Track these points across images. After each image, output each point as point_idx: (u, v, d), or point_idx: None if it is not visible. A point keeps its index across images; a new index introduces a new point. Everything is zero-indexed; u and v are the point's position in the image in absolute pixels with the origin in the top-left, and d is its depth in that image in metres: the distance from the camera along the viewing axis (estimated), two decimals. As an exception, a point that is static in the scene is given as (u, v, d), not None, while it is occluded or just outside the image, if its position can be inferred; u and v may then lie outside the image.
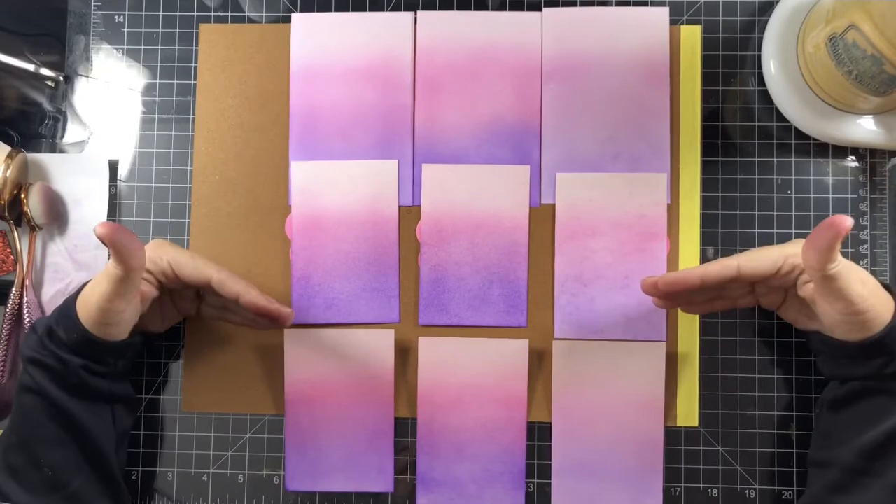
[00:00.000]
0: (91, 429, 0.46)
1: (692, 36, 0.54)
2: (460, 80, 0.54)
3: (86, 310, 0.44)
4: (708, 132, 0.54)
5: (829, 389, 0.47)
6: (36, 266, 0.54)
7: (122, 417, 0.50)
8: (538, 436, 0.53)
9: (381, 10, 0.55)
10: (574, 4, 0.55)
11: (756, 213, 0.53)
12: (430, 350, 0.53)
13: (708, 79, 0.54)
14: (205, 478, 0.54)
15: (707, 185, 0.54)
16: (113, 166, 0.55)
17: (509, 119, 0.54)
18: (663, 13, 0.54)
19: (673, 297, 0.48)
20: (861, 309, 0.41)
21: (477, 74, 0.54)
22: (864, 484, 0.43)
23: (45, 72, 0.56)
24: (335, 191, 0.54)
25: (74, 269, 0.55)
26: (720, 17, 0.54)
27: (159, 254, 0.46)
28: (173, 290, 0.49)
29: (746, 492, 0.52)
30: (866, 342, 0.42)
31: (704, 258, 0.53)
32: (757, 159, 0.54)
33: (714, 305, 0.49)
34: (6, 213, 0.53)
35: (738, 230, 0.53)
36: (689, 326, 0.53)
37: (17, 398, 0.46)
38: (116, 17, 0.56)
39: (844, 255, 0.52)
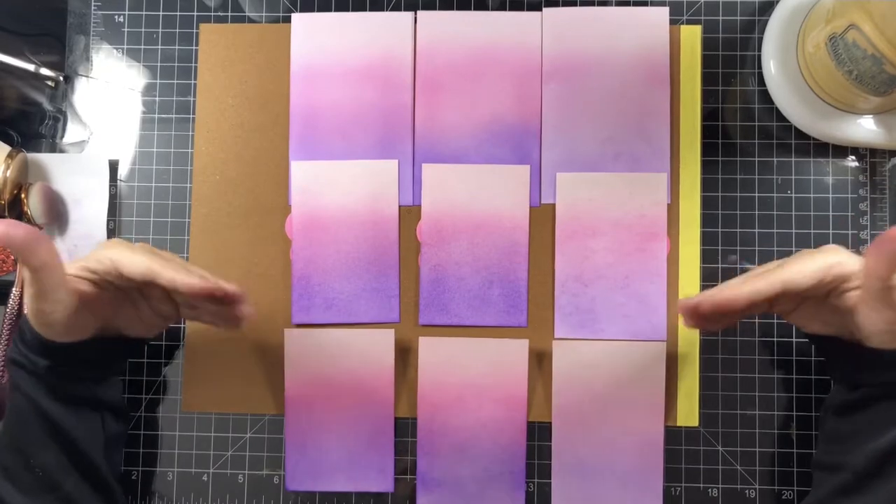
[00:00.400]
0: (74, 432, 0.45)
1: (692, 36, 0.54)
2: (460, 80, 0.54)
3: (27, 310, 0.43)
4: (708, 132, 0.54)
5: (835, 393, 0.46)
6: (36, 266, 0.54)
7: (112, 423, 0.48)
8: (538, 436, 0.53)
9: (381, 10, 0.55)
10: (574, 4, 0.55)
11: (756, 212, 0.53)
12: (430, 350, 0.53)
13: (708, 79, 0.54)
14: (205, 478, 0.54)
15: (707, 185, 0.54)
16: (113, 166, 0.55)
17: (509, 119, 0.54)
18: (663, 13, 0.54)
19: (713, 320, 0.44)
20: None
21: (477, 74, 0.54)
22: (874, 488, 0.42)
23: (45, 72, 0.56)
24: (335, 191, 0.54)
25: (74, 269, 0.55)
26: (720, 17, 0.54)
27: (104, 252, 0.44)
28: (144, 291, 0.46)
29: (746, 492, 0.52)
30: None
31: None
32: (757, 159, 0.54)
33: (733, 319, 0.47)
34: (6, 213, 0.53)
35: (738, 230, 0.53)
36: (689, 326, 0.53)
37: (9, 398, 0.46)
38: (116, 16, 0.56)
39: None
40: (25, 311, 0.44)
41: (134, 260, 0.43)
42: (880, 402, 0.43)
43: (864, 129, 0.52)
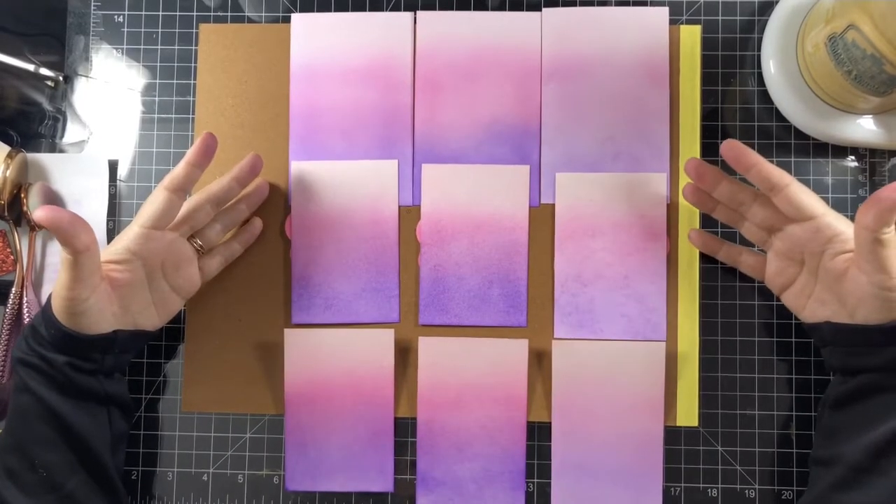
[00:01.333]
0: (84, 430, 0.45)
1: (692, 36, 0.54)
2: (460, 80, 0.54)
3: (55, 302, 0.44)
4: (708, 132, 0.54)
5: (832, 386, 0.47)
6: (36, 266, 0.55)
7: (118, 420, 0.49)
8: (538, 436, 0.53)
9: (381, 10, 0.55)
10: (574, 4, 0.55)
11: (756, 212, 0.53)
12: (430, 350, 0.53)
13: (707, 78, 0.54)
14: (205, 478, 0.54)
15: (707, 185, 0.54)
16: (113, 166, 0.55)
17: (509, 119, 0.54)
18: (663, 13, 0.54)
19: (713, 180, 0.48)
20: None
21: (477, 74, 0.54)
22: (869, 482, 0.42)
23: (44, 72, 0.56)
24: (335, 191, 0.54)
25: (74, 269, 0.54)
26: (720, 17, 0.54)
27: (134, 229, 0.46)
28: (165, 266, 0.48)
29: (746, 492, 0.52)
30: (890, 325, 0.42)
31: (706, 260, 0.53)
32: (757, 159, 0.54)
33: (725, 214, 0.50)
34: (6, 213, 0.53)
35: (737, 230, 0.53)
36: (689, 326, 0.53)
37: (11, 399, 0.46)
38: (116, 16, 0.56)
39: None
40: (50, 306, 0.44)
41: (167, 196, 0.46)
42: (874, 394, 0.44)
43: (864, 129, 0.52)
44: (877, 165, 0.53)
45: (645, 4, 0.54)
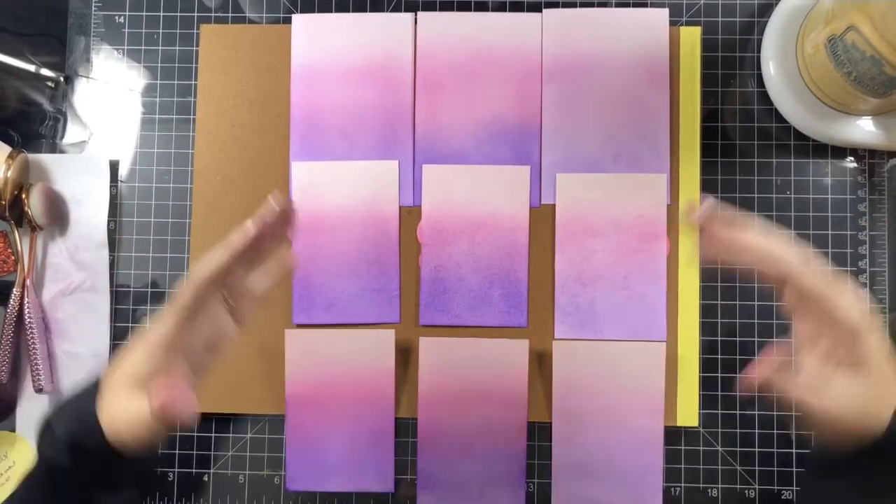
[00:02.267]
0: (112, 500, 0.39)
1: (692, 37, 0.54)
2: (460, 81, 0.54)
3: (115, 433, 0.38)
4: (707, 133, 0.54)
5: (816, 450, 0.42)
6: (37, 266, 0.55)
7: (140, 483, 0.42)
8: (538, 436, 0.53)
9: (382, 10, 0.55)
10: (574, 5, 0.55)
11: (755, 213, 0.53)
12: (430, 350, 0.53)
13: (707, 80, 0.54)
14: (205, 478, 0.54)
15: (706, 185, 0.54)
16: (113, 167, 0.56)
17: (509, 119, 0.54)
18: (663, 14, 0.54)
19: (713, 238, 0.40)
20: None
21: (477, 75, 0.54)
22: None
23: (45, 72, 0.56)
24: (336, 191, 0.54)
25: (75, 269, 0.55)
26: (719, 19, 0.55)
27: (181, 291, 0.39)
28: (204, 346, 0.42)
29: (746, 492, 0.52)
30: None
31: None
32: (756, 160, 0.54)
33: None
34: (7, 214, 0.53)
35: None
36: (689, 326, 0.53)
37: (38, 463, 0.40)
38: (117, 17, 0.56)
39: (843, 255, 0.53)
40: (96, 419, 0.38)
41: (209, 261, 0.40)
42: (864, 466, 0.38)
43: (863, 130, 0.52)
44: (876, 167, 0.54)
45: (645, 5, 0.55)
